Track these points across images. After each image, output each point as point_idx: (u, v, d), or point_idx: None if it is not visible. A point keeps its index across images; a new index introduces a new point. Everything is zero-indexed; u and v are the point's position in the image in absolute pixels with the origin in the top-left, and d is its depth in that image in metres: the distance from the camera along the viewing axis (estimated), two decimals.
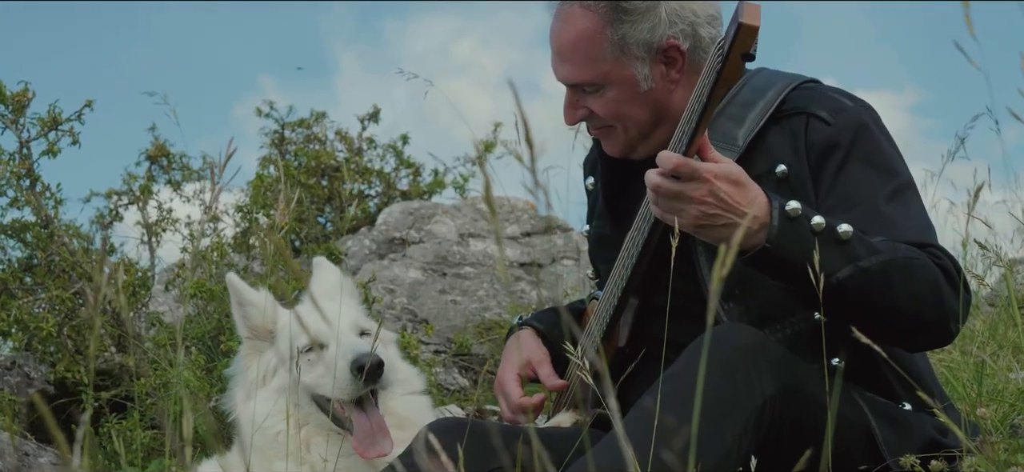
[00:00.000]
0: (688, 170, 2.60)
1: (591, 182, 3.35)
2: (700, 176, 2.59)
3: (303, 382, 3.27)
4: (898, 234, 2.73)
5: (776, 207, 2.63)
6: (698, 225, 2.64)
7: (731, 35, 2.51)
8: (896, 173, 2.85)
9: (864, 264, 2.63)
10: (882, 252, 2.66)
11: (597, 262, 3.37)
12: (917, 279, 2.67)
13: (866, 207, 2.77)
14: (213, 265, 5.46)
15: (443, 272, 6.81)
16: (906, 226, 2.77)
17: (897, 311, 2.66)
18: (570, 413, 3.17)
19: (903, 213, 2.79)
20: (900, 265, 2.66)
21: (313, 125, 7.97)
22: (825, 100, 2.90)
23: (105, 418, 4.82)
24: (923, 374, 2.95)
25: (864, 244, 2.66)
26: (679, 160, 2.60)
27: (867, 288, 2.63)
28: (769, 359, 2.62)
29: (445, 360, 5.94)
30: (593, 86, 2.97)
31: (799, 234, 2.62)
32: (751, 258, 2.65)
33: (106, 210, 5.98)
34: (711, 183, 2.59)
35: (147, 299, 5.59)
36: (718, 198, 2.60)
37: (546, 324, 3.33)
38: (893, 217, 2.77)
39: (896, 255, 2.67)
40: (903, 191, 2.84)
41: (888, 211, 2.78)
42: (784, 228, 2.62)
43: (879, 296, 2.64)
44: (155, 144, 6.14)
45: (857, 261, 2.64)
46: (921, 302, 2.67)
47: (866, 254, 2.65)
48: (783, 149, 2.87)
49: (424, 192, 8.21)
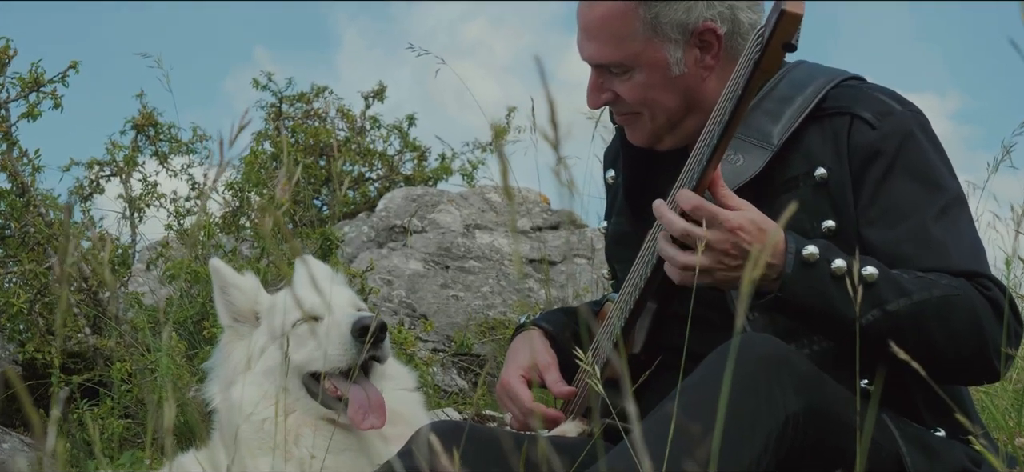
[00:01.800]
0: (707, 215, 2.63)
1: (611, 175, 3.34)
2: (721, 224, 2.63)
3: (294, 361, 3.28)
4: (948, 262, 2.73)
5: (792, 252, 2.65)
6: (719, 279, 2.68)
7: (772, 22, 2.50)
8: (944, 189, 2.84)
9: (892, 308, 2.65)
10: (912, 294, 2.67)
11: (614, 261, 3.36)
12: (956, 318, 2.67)
13: (912, 225, 2.76)
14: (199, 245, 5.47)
15: (446, 265, 6.81)
16: (956, 250, 2.76)
17: (933, 352, 2.66)
18: (577, 422, 3.16)
19: (952, 235, 2.78)
20: (936, 305, 2.67)
21: (313, 100, 7.97)
22: (871, 101, 2.89)
23: (77, 404, 4.82)
24: (960, 398, 2.94)
25: (892, 285, 2.67)
26: (703, 204, 2.64)
27: (896, 332, 2.62)
28: (794, 373, 2.61)
29: (443, 359, 5.94)
30: (620, 68, 2.96)
31: (816, 280, 2.65)
32: (766, 304, 2.68)
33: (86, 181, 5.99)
34: (735, 234, 2.63)
35: (127, 278, 5.60)
36: (741, 250, 2.64)
37: (555, 325, 3.33)
38: (942, 240, 2.76)
39: (931, 295, 2.67)
40: (951, 208, 2.82)
41: (937, 233, 2.77)
42: (798, 274, 2.64)
43: (910, 338, 2.63)
44: (142, 112, 6.14)
45: (883, 305, 2.65)
46: (960, 341, 2.67)
47: (894, 297, 2.66)
48: (824, 151, 2.86)
49: (429, 178, 8.21)
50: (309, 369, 3.32)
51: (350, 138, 7.97)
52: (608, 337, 3.09)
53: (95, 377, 5.10)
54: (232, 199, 5.92)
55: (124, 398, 4.84)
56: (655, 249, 2.92)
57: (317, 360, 3.28)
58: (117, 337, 5.11)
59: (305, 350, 3.30)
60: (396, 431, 3.29)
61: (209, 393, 3.51)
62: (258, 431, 3.31)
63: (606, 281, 3.50)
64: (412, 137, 8.24)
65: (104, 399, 4.89)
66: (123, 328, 5.16)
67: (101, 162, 6.03)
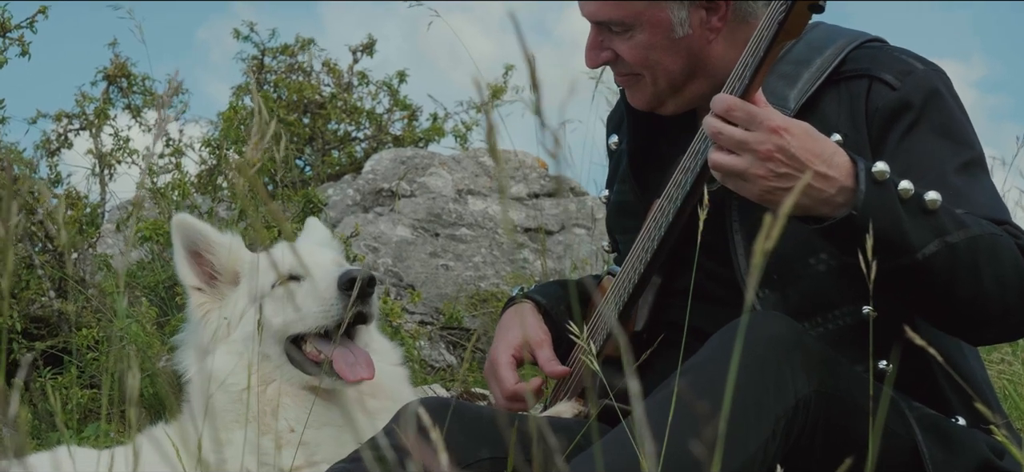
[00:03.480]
0: (748, 116, 2.55)
1: (615, 141, 3.34)
2: (767, 125, 2.54)
3: (274, 324, 3.28)
4: (968, 209, 2.71)
5: (862, 168, 2.58)
6: (767, 190, 2.56)
7: None
8: (969, 145, 2.84)
9: (952, 240, 2.61)
10: (969, 227, 2.63)
11: (615, 232, 3.35)
12: (1002, 259, 2.65)
13: (932, 177, 2.73)
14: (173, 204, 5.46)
15: (436, 232, 6.80)
16: (978, 201, 2.75)
17: (980, 296, 2.64)
18: (572, 403, 3.15)
19: (974, 187, 2.78)
20: (987, 243, 2.64)
21: (298, 53, 7.95)
22: (891, 62, 2.88)
23: (39, 372, 4.82)
24: (981, 385, 2.94)
25: (951, 216, 2.63)
26: (738, 103, 2.56)
27: (952, 268, 2.60)
28: (806, 355, 2.61)
29: (431, 333, 5.94)
30: (621, 26, 2.95)
31: (887, 202, 2.58)
32: (828, 227, 2.59)
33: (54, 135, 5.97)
34: (780, 135, 2.54)
35: (95, 239, 5.59)
36: (789, 154, 2.54)
37: (549, 299, 3.31)
38: (962, 190, 2.75)
39: (983, 231, 2.65)
40: (974, 165, 2.82)
41: (957, 182, 2.76)
42: (872, 194, 2.56)
43: (964, 278, 2.61)
44: (115, 62, 6.12)
45: (945, 235, 2.61)
46: (1006, 286, 2.65)
47: (954, 228, 2.62)
48: (839, 115, 2.85)
49: (419, 139, 8.19)
50: (291, 332, 3.31)
51: (336, 95, 7.95)
52: (609, 312, 3.08)
53: (60, 344, 5.09)
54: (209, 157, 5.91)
55: (90, 367, 4.83)
56: (661, 220, 2.91)
57: (302, 320, 3.27)
58: (83, 302, 5.10)
59: (286, 312, 3.29)
60: (380, 405, 3.29)
61: (183, 362, 3.49)
62: (235, 402, 3.30)
63: (606, 253, 3.49)
64: (402, 95, 8.22)
65: (69, 367, 4.88)
66: (90, 292, 5.15)
67: (70, 114, 6.02)
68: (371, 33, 8.08)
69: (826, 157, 2.56)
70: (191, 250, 3.42)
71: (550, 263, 6.65)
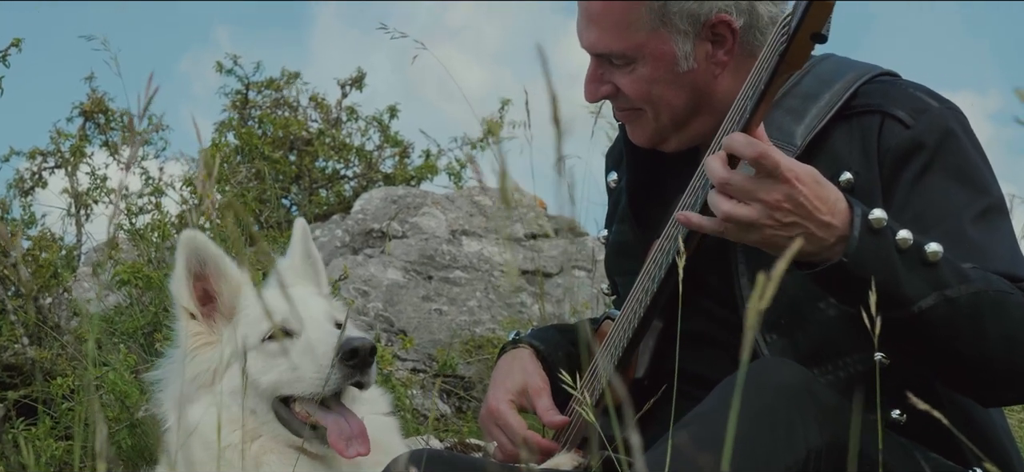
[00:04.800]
0: (769, 164, 2.54)
1: (614, 178, 3.34)
2: (780, 174, 2.54)
3: (263, 382, 3.24)
4: (985, 263, 2.71)
5: (858, 215, 2.59)
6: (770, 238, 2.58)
7: (801, 10, 2.49)
8: (986, 191, 2.83)
9: (952, 294, 2.61)
10: (973, 281, 2.64)
11: (615, 274, 3.35)
12: (1011, 318, 2.65)
13: (947, 227, 2.74)
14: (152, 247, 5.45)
15: (429, 275, 6.80)
16: (994, 254, 2.75)
17: (984, 355, 2.64)
18: (572, 454, 3.14)
19: (992, 239, 2.78)
20: (993, 300, 2.64)
21: (284, 87, 7.96)
22: (905, 98, 2.88)
23: (11, 423, 4.80)
24: (999, 435, 2.94)
25: (954, 270, 2.64)
26: (748, 144, 2.54)
27: (952, 323, 2.61)
28: (817, 404, 2.60)
29: (424, 381, 5.93)
30: (623, 59, 2.95)
31: (882, 250, 2.59)
32: (820, 273, 2.61)
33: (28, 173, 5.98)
34: (791, 185, 2.54)
35: (70, 283, 5.58)
36: (797, 203, 2.55)
37: (547, 344, 3.30)
38: (979, 243, 2.75)
39: (989, 287, 2.65)
40: (992, 213, 2.82)
41: (974, 234, 2.76)
42: (866, 241, 2.58)
43: (965, 334, 2.62)
44: (92, 97, 6.13)
45: (944, 289, 2.61)
46: (1014, 346, 2.65)
47: (955, 281, 2.62)
48: (850, 153, 2.85)
49: (411, 177, 8.20)
50: (282, 393, 3.26)
51: (324, 130, 7.96)
52: (608, 359, 3.07)
53: (34, 394, 5.07)
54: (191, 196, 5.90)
55: (65, 418, 4.81)
56: (662, 261, 2.91)
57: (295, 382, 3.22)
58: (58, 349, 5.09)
59: (276, 371, 3.25)
60: (370, 459, 3.27)
61: (162, 406, 3.43)
62: (217, 458, 3.26)
63: (606, 296, 3.48)
64: (394, 131, 8.22)
65: (43, 418, 4.87)
66: (65, 339, 5.14)
67: (45, 152, 6.03)
68: (361, 66, 8.10)
69: (830, 204, 2.58)
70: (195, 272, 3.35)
71: (549, 307, 6.64)
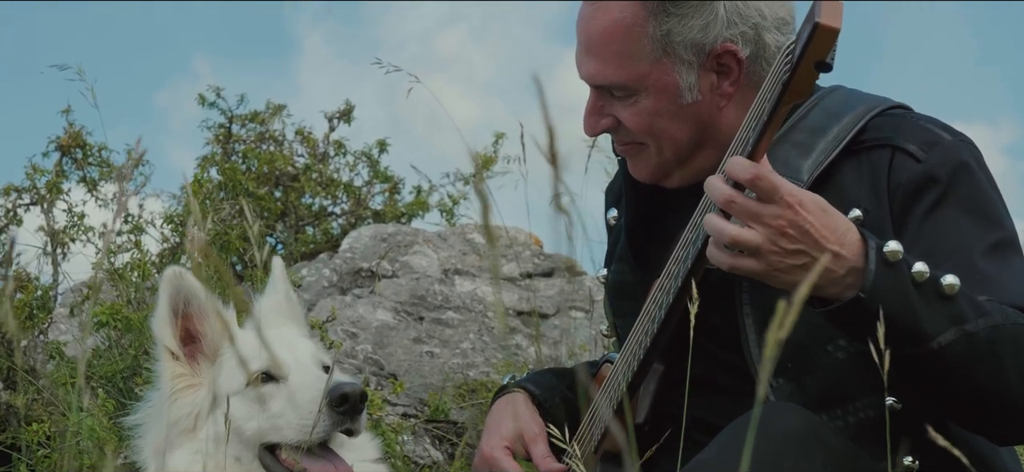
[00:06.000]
0: (767, 186, 2.54)
1: (614, 215, 3.34)
2: (780, 198, 2.54)
3: (247, 430, 3.23)
4: (997, 297, 2.71)
5: (873, 247, 2.58)
6: (775, 269, 2.57)
7: (804, 38, 2.49)
8: (999, 224, 2.83)
9: (971, 328, 2.61)
10: (991, 315, 2.63)
11: (614, 315, 3.35)
12: None
13: (958, 260, 2.74)
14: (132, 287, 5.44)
15: (420, 316, 6.79)
16: (1007, 288, 2.75)
17: (1002, 390, 2.64)
18: None
19: (1004, 272, 2.78)
20: (1011, 333, 2.64)
21: (268, 121, 7.96)
22: (917, 131, 2.88)
23: None
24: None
25: (971, 303, 2.63)
26: (756, 171, 2.54)
27: (971, 359, 2.60)
28: (825, 450, 2.60)
29: (415, 426, 5.92)
30: (624, 91, 2.95)
31: (899, 284, 2.58)
32: (834, 310, 2.60)
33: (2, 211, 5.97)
34: (794, 210, 2.54)
35: (46, 325, 5.57)
36: (802, 231, 2.54)
37: (543, 389, 3.30)
38: (991, 276, 2.75)
39: (1007, 320, 2.64)
40: (1005, 246, 2.82)
41: (985, 267, 2.76)
42: (882, 275, 2.57)
43: (984, 370, 2.61)
44: (69, 131, 6.12)
45: (963, 324, 2.61)
46: None
47: (973, 315, 2.62)
48: (859, 189, 2.85)
49: (402, 214, 8.19)
50: (267, 441, 3.25)
51: (310, 166, 7.96)
52: (607, 404, 3.07)
53: (8, 440, 5.06)
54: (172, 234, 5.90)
55: (41, 465, 4.81)
56: (663, 301, 2.90)
57: (282, 428, 3.21)
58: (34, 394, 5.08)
59: (265, 416, 3.23)
60: None
61: (141, 456, 3.42)
62: None
63: (605, 338, 3.48)
64: (383, 166, 8.22)
65: (18, 465, 4.86)
66: (41, 383, 5.13)
67: (19, 188, 6.01)
68: (348, 99, 8.09)
69: (840, 234, 2.57)
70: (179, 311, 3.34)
71: (545, 349, 6.63)
